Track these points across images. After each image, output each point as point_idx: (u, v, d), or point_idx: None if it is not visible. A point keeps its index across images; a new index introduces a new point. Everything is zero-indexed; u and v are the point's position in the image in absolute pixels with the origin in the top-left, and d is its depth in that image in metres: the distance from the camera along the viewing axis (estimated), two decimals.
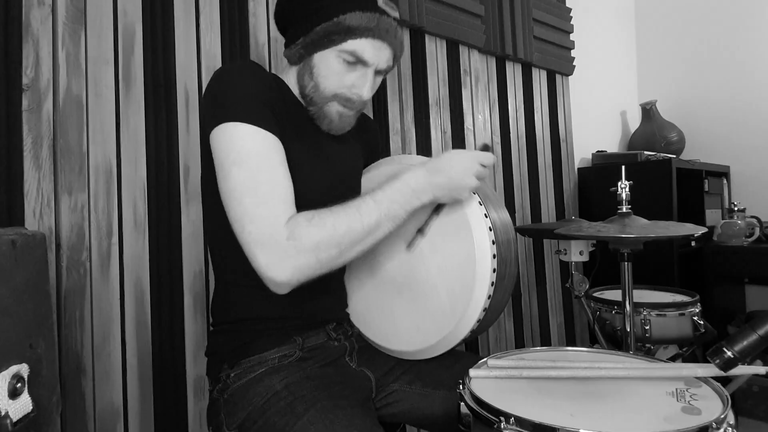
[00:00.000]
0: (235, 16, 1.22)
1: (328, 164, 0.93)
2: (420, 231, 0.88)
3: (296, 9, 0.87)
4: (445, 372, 0.93)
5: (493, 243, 0.83)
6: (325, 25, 0.82)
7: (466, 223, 0.83)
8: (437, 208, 0.87)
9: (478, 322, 0.84)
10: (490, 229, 0.83)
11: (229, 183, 0.77)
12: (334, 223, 0.75)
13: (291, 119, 0.89)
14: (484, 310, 0.83)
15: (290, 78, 0.93)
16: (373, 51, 0.84)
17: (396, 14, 0.88)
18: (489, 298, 0.83)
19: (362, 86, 0.86)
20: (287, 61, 0.93)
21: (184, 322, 1.10)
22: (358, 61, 0.84)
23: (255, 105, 0.79)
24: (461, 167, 0.82)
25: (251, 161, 0.76)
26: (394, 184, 0.80)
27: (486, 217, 0.84)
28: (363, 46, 0.83)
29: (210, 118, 0.80)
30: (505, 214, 0.91)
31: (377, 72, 0.88)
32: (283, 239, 0.73)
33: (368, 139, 1.09)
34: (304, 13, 0.85)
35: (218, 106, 0.79)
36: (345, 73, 0.85)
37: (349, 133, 1.00)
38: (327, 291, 0.94)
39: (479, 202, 0.85)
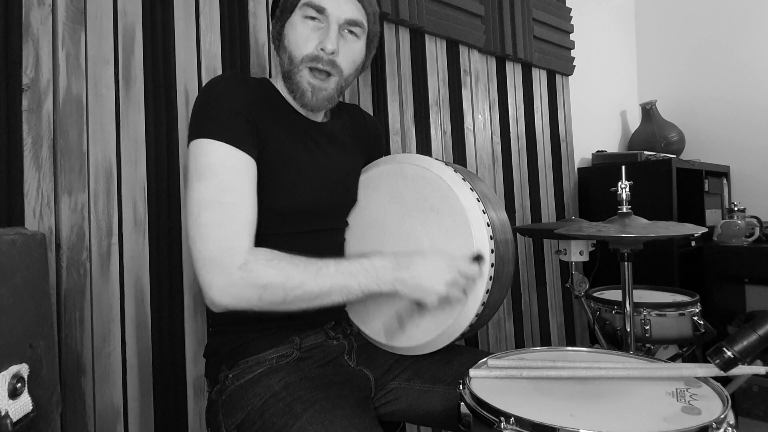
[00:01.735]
0: (235, 16, 1.22)
1: (322, 165, 0.93)
2: (400, 324, 0.88)
3: None
4: (444, 367, 0.93)
5: (491, 239, 0.84)
6: None
7: (465, 221, 0.84)
8: (419, 305, 0.85)
9: (476, 316, 0.85)
10: (488, 225, 0.84)
11: (191, 196, 0.78)
12: (289, 273, 0.75)
13: (281, 122, 0.89)
14: (483, 304, 0.84)
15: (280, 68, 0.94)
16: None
17: None
18: (487, 293, 0.84)
19: (325, 39, 0.85)
20: (276, 52, 0.95)
21: (184, 322, 1.10)
22: (318, 13, 0.85)
23: (233, 123, 0.80)
24: (433, 272, 0.80)
25: (219, 179, 0.77)
26: (363, 262, 0.80)
27: (484, 213, 0.85)
28: None
29: (190, 133, 0.83)
30: (503, 215, 0.92)
31: (347, 29, 0.88)
32: (234, 266, 0.74)
33: (369, 137, 1.10)
34: None
35: (197, 122, 0.82)
36: (310, 34, 0.86)
37: (346, 135, 1.00)
38: None
39: (477, 199, 0.85)
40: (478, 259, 0.82)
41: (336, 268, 0.78)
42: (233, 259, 0.75)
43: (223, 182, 0.78)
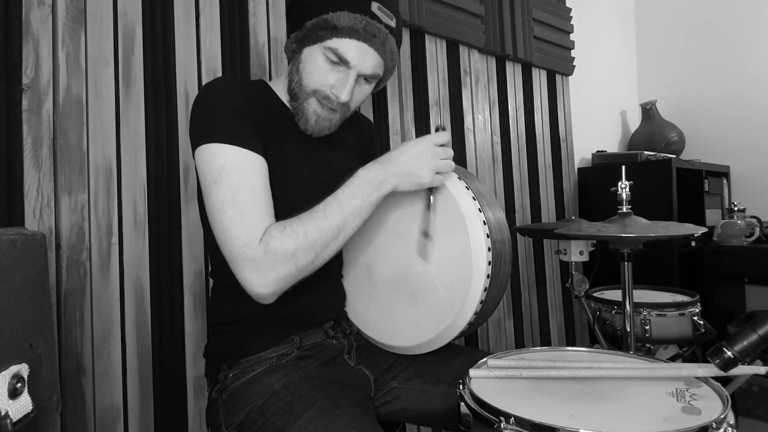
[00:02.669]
0: (235, 16, 1.22)
1: (317, 167, 0.93)
2: (425, 235, 0.88)
3: (295, 4, 0.91)
4: (444, 368, 0.93)
5: (488, 236, 0.84)
6: (315, 20, 0.85)
7: (461, 218, 0.84)
8: (428, 205, 0.87)
9: (475, 314, 0.85)
10: (485, 223, 0.84)
11: (210, 201, 0.80)
12: (305, 230, 0.77)
13: (278, 124, 0.90)
14: (481, 302, 0.84)
15: (286, 79, 0.93)
16: (357, 54, 0.85)
17: (391, 23, 0.88)
18: (485, 290, 0.84)
19: (342, 87, 0.86)
20: (287, 58, 0.95)
21: (184, 323, 1.10)
22: (341, 61, 0.85)
23: (235, 124, 0.81)
24: (413, 152, 0.84)
25: (230, 180, 0.79)
26: (352, 181, 0.82)
27: (480, 211, 0.85)
28: (347, 46, 0.84)
29: (193, 139, 0.83)
30: (500, 214, 0.92)
31: (363, 77, 0.88)
32: (260, 255, 0.76)
33: (365, 139, 1.10)
34: (300, 9, 0.88)
35: (200, 127, 0.82)
36: (328, 72, 0.86)
37: (341, 136, 1.01)
38: (324, 290, 0.94)
39: (473, 198, 0.86)
40: (438, 129, 0.89)
41: (336, 201, 0.80)
42: (256, 249, 0.76)
43: (235, 182, 0.79)
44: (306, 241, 0.77)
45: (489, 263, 0.83)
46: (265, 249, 0.76)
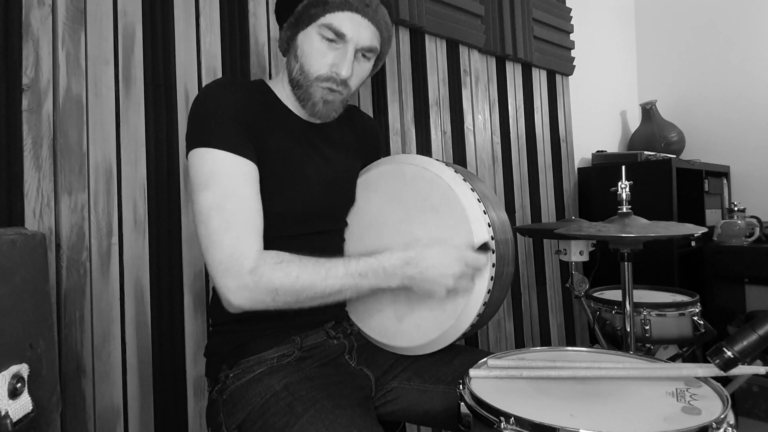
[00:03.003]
0: (235, 16, 1.22)
1: (319, 167, 0.93)
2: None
3: None
4: (445, 367, 0.93)
5: (492, 239, 0.84)
6: (306, 1, 0.85)
7: (465, 220, 0.84)
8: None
9: (477, 316, 0.84)
10: (489, 225, 0.84)
11: (198, 206, 0.80)
12: (298, 275, 0.77)
13: (278, 125, 0.90)
14: (484, 304, 0.84)
15: (284, 74, 0.94)
16: (352, 25, 0.85)
17: None
18: (488, 293, 0.83)
19: (341, 63, 0.86)
20: (282, 54, 0.95)
21: (184, 322, 1.10)
22: (337, 36, 0.85)
23: (230, 130, 0.81)
24: (442, 267, 0.80)
25: (220, 186, 0.79)
26: (371, 263, 0.81)
27: (485, 213, 0.84)
28: (341, 19, 0.84)
29: (188, 142, 0.83)
30: (503, 215, 0.91)
31: (361, 53, 0.88)
32: (245, 270, 0.76)
33: (368, 138, 1.09)
34: None
35: (195, 131, 0.82)
36: (326, 51, 0.86)
37: (342, 135, 1.00)
38: None
39: (478, 200, 0.85)
40: (484, 248, 0.82)
41: (345, 269, 0.79)
42: (242, 264, 0.76)
43: (224, 189, 0.79)
44: (293, 286, 0.77)
45: (493, 266, 0.83)
46: (253, 268, 0.76)
